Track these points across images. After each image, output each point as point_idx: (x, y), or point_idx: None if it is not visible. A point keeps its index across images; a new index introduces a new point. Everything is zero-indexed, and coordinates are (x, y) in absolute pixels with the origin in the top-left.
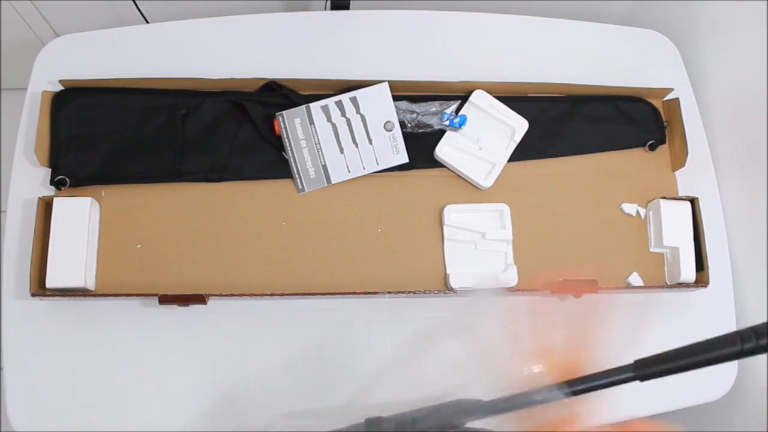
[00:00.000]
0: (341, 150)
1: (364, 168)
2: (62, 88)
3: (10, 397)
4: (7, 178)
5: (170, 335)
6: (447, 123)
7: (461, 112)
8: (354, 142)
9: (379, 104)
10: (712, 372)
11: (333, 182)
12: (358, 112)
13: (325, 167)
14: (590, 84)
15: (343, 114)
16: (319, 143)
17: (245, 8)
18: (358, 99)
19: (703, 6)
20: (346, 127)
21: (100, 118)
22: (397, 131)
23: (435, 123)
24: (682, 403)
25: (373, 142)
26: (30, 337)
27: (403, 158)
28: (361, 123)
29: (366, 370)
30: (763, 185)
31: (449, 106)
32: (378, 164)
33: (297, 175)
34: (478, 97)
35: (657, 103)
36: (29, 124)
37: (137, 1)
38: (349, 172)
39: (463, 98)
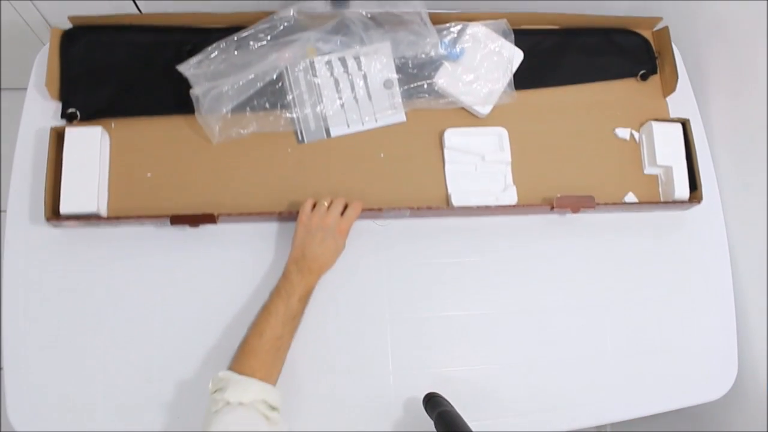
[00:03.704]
0: (342, 105)
1: (363, 124)
2: (72, 26)
3: (11, 396)
4: (7, 178)
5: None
6: (446, 53)
7: (459, 44)
8: (355, 99)
9: (380, 63)
10: (712, 372)
11: (332, 136)
12: (360, 69)
13: (325, 120)
14: (582, 14)
15: (346, 70)
16: (320, 96)
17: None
18: (361, 57)
19: (703, 6)
20: (348, 83)
21: (109, 55)
22: (396, 90)
23: (434, 54)
24: (682, 403)
25: (372, 99)
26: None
27: (401, 117)
28: (363, 80)
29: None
30: (763, 187)
31: (447, 37)
32: (377, 121)
33: (298, 126)
34: (475, 28)
35: (647, 33)
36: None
37: (137, 1)
38: (348, 127)
39: (461, 29)
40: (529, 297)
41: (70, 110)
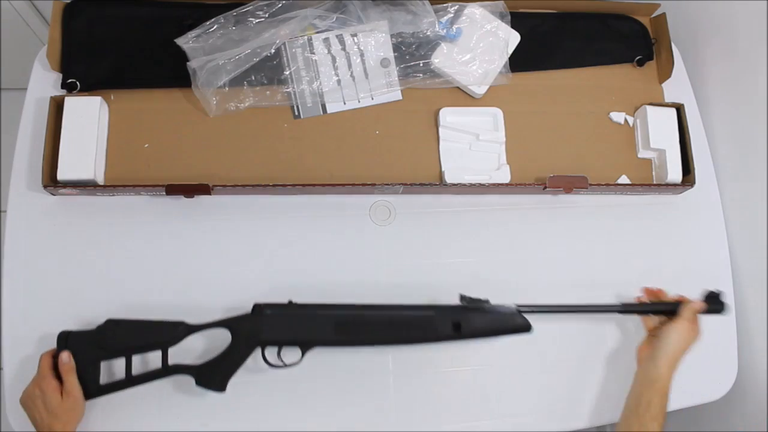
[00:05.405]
0: (338, 82)
1: (359, 101)
2: None
3: (11, 396)
4: (7, 178)
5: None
6: (443, 33)
7: (456, 24)
8: (351, 76)
9: (377, 41)
10: (712, 372)
11: (329, 112)
12: (357, 47)
13: (321, 97)
14: None
15: (343, 48)
16: (317, 72)
17: None
18: (358, 35)
19: (703, 6)
20: (345, 61)
21: (109, 28)
22: (392, 69)
23: (431, 34)
24: (682, 403)
25: (369, 77)
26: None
27: (397, 95)
28: (360, 58)
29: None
30: (763, 188)
31: (444, 17)
32: (372, 99)
33: (294, 102)
34: (472, 10)
35: (644, 20)
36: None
37: None
38: (344, 104)
39: (458, 9)
40: (528, 296)
41: (70, 80)
